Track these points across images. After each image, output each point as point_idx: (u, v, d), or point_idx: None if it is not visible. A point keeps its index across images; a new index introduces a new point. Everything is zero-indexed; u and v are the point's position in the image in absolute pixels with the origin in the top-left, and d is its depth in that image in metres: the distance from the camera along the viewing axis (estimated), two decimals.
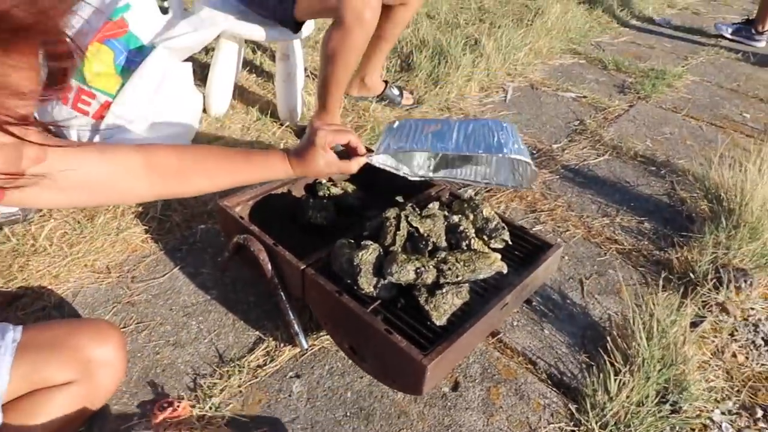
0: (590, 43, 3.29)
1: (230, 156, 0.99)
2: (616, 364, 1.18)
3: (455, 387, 1.16)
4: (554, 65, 2.92)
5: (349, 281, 1.05)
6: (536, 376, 1.20)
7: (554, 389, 1.18)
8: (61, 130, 1.61)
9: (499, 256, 1.12)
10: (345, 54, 1.66)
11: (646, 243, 1.63)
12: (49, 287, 1.31)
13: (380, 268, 1.05)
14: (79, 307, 1.28)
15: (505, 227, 1.20)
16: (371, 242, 1.08)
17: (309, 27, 1.90)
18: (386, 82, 2.22)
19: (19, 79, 0.44)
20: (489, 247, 1.17)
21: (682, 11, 4.30)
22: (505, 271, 1.11)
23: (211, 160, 0.97)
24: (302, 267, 1.10)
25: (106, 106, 1.60)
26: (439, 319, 0.99)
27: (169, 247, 1.47)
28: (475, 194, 1.76)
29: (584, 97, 2.57)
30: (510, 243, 1.19)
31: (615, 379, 1.13)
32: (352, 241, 1.12)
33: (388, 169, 1.14)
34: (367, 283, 1.03)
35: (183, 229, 1.53)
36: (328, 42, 1.66)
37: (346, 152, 1.06)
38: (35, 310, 1.25)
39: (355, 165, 1.04)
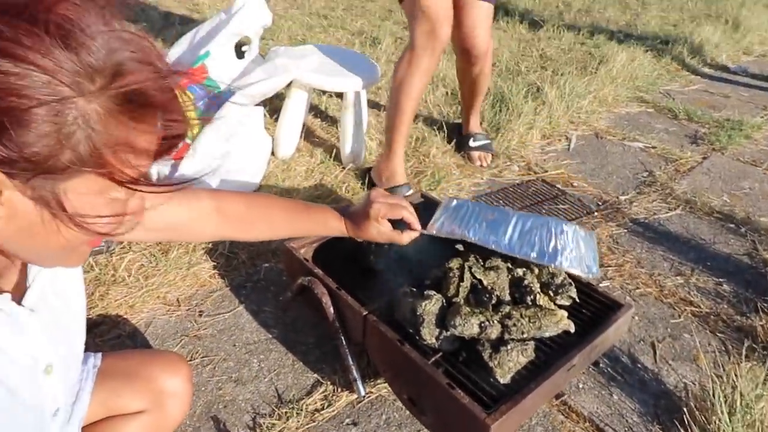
0: (659, 92, 3.22)
1: (292, 209, 1.07)
2: None
3: None
4: (620, 113, 2.87)
5: (411, 331, 1.05)
6: None
7: None
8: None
9: (565, 313, 1.09)
10: (411, 79, 1.71)
11: (725, 306, 1.53)
12: (125, 316, 1.38)
13: (443, 320, 1.04)
14: (150, 338, 1.34)
15: (572, 283, 1.16)
16: (434, 293, 1.07)
17: (376, 74, 1.96)
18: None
19: (143, 142, 0.49)
20: (555, 304, 1.14)
21: (760, 58, 4.14)
22: (572, 330, 1.07)
23: (275, 212, 1.05)
24: (364, 313, 1.10)
25: (186, 147, 1.70)
26: (503, 376, 0.96)
27: (234, 284, 1.52)
28: None
29: (653, 147, 2.50)
30: (577, 300, 1.16)
31: None
32: (415, 289, 1.12)
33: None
34: (429, 334, 1.03)
35: (248, 266, 1.58)
36: (397, 70, 1.72)
37: (401, 222, 1.09)
38: (111, 337, 1.31)
39: (406, 238, 1.10)
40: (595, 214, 1.97)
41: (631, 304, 1.20)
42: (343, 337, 1.18)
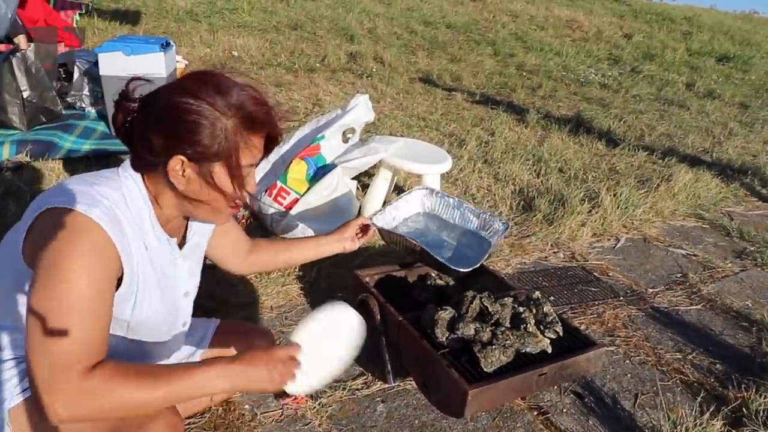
0: (720, 212, 3.44)
1: (303, 242, 1.56)
2: None
3: None
4: (674, 225, 3.15)
5: (429, 331, 1.48)
6: None
7: None
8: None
9: (548, 340, 1.47)
10: None
11: (711, 380, 1.78)
12: (235, 312, 1.93)
13: (453, 326, 1.46)
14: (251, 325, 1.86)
15: (559, 322, 1.54)
16: (450, 308, 1.51)
17: (448, 164, 2.50)
18: None
19: (254, 145, 1.02)
20: (543, 334, 1.52)
21: None
22: (549, 350, 1.44)
23: (292, 245, 1.52)
24: (400, 318, 1.56)
25: (295, 201, 2.31)
26: (487, 366, 1.36)
27: (314, 302, 2.03)
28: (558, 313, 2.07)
29: (695, 255, 2.76)
30: (561, 336, 1.53)
31: None
32: (439, 307, 1.56)
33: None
34: (441, 333, 1.45)
35: (326, 291, 2.10)
36: None
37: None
38: (234, 317, 1.85)
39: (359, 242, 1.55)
40: (621, 298, 2.28)
41: (604, 344, 1.53)
42: (383, 338, 1.62)
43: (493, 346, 1.38)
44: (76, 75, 3.61)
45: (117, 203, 0.98)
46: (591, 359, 1.50)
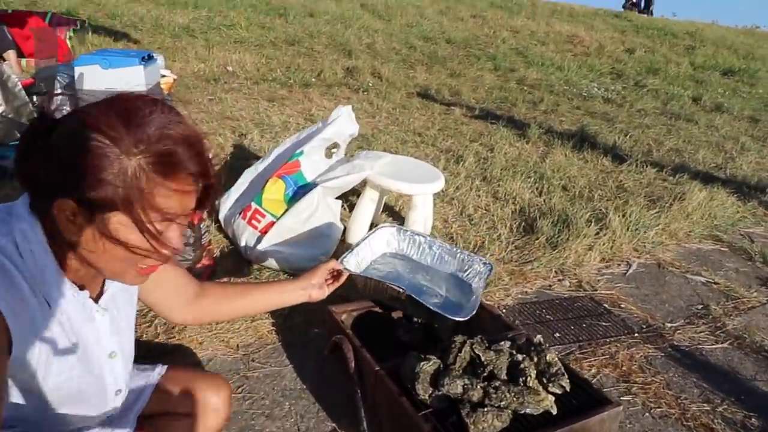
0: (739, 233, 3.19)
1: (262, 287, 1.32)
2: None
3: None
4: (690, 248, 2.90)
5: (409, 386, 1.23)
6: None
7: None
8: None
9: (552, 398, 1.22)
10: None
11: None
12: (194, 350, 1.68)
13: (437, 381, 1.21)
14: (209, 370, 1.62)
15: (565, 374, 1.29)
16: (434, 357, 1.26)
17: (440, 183, 2.27)
18: None
19: (169, 197, 0.78)
20: (546, 390, 1.26)
21: None
22: (554, 411, 1.19)
23: (250, 290, 1.29)
24: (376, 368, 1.31)
25: (270, 224, 2.08)
26: None
27: (286, 341, 1.78)
28: (564, 353, 1.82)
29: (716, 283, 2.50)
30: (568, 391, 1.27)
31: None
32: (422, 356, 1.31)
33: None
34: (423, 390, 1.20)
35: (301, 329, 1.85)
36: None
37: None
38: (180, 364, 1.61)
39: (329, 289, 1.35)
40: (636, 335, 2.02)
41: (620, 403, 1.28)
42: (358, 389, 1.37)
43: (485, 409, 1.13)
44: (57, 89, 3.43)
45: (5, 251, 0.78)
46: (605, 421, 1.24)
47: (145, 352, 1.62)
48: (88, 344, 0.96)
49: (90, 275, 0.94)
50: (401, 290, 1.42)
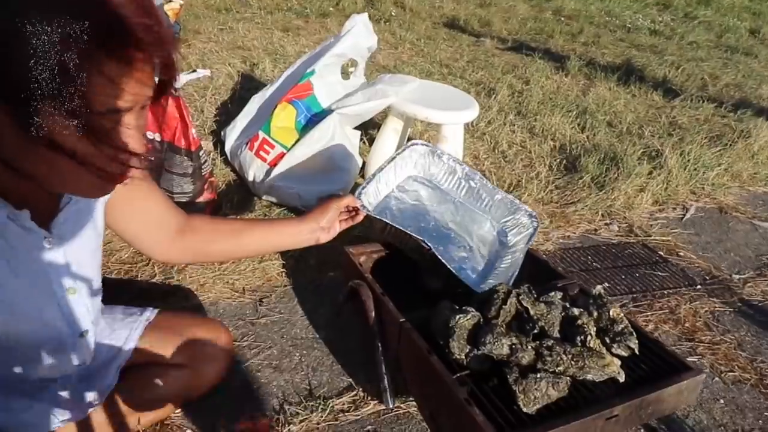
0: None
1: (262, 225, 1.09)
2: None
3: None
4: (756, 192, 2.57)
5: (441, 342, 1.01)
6: None
7: None
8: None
9: (617, 361, 0.98)
10: None
11: None
12: (195, 292, 1.49)
13: (476, 338, 0.99)
14: (212, 316, 1.42)
15: (634, 333, 1.05)
16: (473, 309, 1.03)
17: (474, 112, 1.97)
18: None
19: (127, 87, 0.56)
20: (609, 351, 1.03)
21: None
22: (621, 379, 0.96)
23: (244, 226, 1.06)
24: (401, 320, 1.08)
25: (281, 156, 1.83)
26: (527, 405, 0.88)
27: (298, 284, 1.57)
28: (606, 294, 1.58)
29: None
30: (637, 354, 1.03)
31: None
32: (457, 306, 1.08)
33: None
34: (458, 348, 0.98)
35: (314, 271, 1.63)
36: None
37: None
38: (178, 308, 1.42)
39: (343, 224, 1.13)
40: (698, 287, 1.76)
41: (702, 369, 1.04)
42: (379, 344, 1.16)
43: (538, 375, 0.90)
44: None
45: None
46: (683, 391, 1.01)
47: (139, 294, 1.44)
48: (37, 279, 0.77)
49: (37, 194, 0.72)
50: (425, 246, 1.17)
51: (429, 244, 1.17)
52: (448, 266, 1.18)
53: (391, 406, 1.15)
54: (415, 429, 1.13)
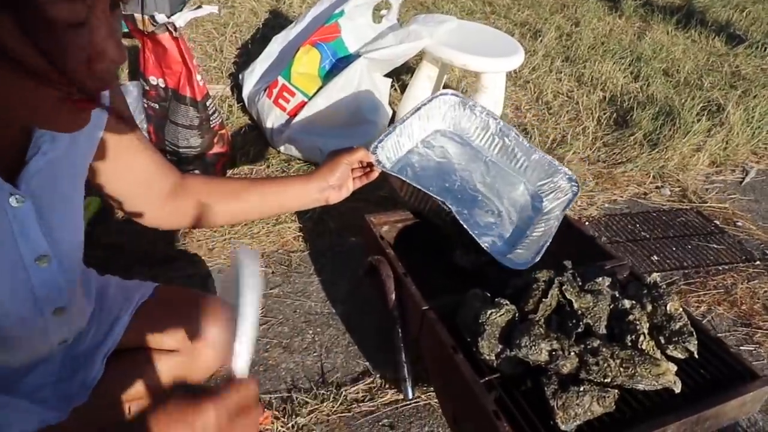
0: None
1: (268, 184, 0.94)
2: None
3: None
4: None
5: (469, 339, 0.88)
6: None
7: None
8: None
9: (674, 368, 0.84)
10: None
11: None
12: (203, 257, 1.39)
13: (509, 336, 0.86)
14: (220, 284, 1.33)
15: (694, 333, 0.90)
16: (508, 302, 0.89)
17: (519, 58, 1.76)
18: None
19: None
20: (664, 354, 0.89)
21: None
22: (677, 389, 0.82)
23: (246, 185, 0.93)
24: (424, 307, 0.96)
25: (301, 105, 1.68)
26: (565, 423, 0.76)
27: (315, 250, 1.46)
28: (665, 282, 1.42)
29: None
30: (696, 357, 0.89)
31: None
32: (489, 294, 0.95)
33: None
34: (488, 348, 0.85)
35: (335, 236, 1.52)
36: None
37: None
38: (182, 275, 1.33)
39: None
40: (758, 262, 1.58)
41: None
42: (400, 330, 1.05)
43: (581, 389, 0.77)
44: None
45: None
46: (746, 404, 0.87)
47: (138, 261, 1.34)
48: (5, 244, 0.65)
49: None
50: (447, 208, 1.03)
51: (450, 206, 1.02)
52: (471, 233, 1.03)
53: (410, 397, 1.05)
54: (436, 424, 1.03)
